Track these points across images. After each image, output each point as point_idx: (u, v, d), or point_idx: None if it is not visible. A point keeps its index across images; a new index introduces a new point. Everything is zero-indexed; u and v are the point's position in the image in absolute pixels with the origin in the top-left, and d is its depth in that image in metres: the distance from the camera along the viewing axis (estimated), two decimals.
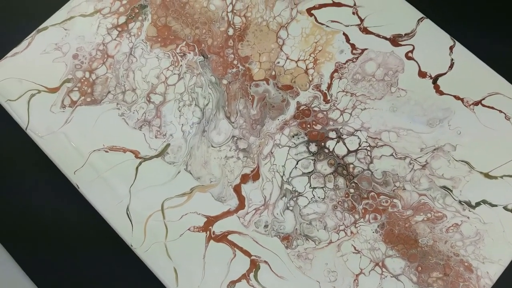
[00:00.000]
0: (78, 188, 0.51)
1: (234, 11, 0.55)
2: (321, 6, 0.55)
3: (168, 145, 0.51)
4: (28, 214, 0.56)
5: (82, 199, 0.50)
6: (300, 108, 0.52)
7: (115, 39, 0.55)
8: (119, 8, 0.56)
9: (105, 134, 0.52)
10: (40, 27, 0.55)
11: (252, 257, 0.48)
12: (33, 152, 0.54)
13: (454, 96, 0.51)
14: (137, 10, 0.56)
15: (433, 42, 0.53)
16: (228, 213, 0.49)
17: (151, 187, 0.50)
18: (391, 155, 0.50)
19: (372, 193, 0.49)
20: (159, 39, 0.55)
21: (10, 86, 0.53)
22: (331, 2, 0.55)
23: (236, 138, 0.51)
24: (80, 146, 0.51)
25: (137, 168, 0.51)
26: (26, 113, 0.53)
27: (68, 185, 0.51)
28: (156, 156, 0.51)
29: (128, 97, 0.53)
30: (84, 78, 0.53)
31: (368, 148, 0.50)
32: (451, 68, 0.52)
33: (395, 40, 0.53)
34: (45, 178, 0.57)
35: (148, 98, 0.53)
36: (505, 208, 0.48)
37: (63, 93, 0.53)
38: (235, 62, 0.54)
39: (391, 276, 0.47)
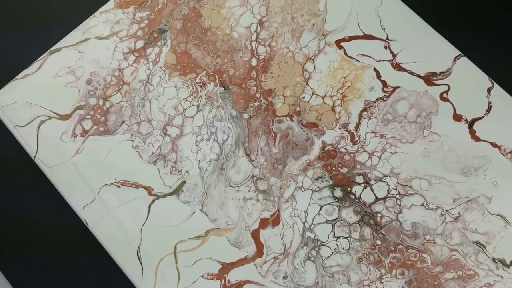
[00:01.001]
0: (87, 224, 0.47)
1: (259, 40, 0.52)
2: (351, 38, 0.51)
3: (184, 182, 0.48)
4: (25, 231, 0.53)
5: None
6: (326, 149, 0.48)
7: (131, 65, 0.51)
8: (137, 31, 0.52)
9: (118, 168, 0.48)
10: (53, 48, 0.52)
11: None
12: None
13: (491, 143, 0.48)
14: (156, 35, 0.52)
15: (470, 82, 0.49)
16: (244, 261, 0.46)
17: (164, 227, 0.47)
18: (422, 205, 0.46)
19: (400, 246, 0.45)
20: (178, 67, 0.51)
21: (19, 110, 0.50)
22: (362, 34, 0.51)
23: (256, 178, 0.48)
24: (90, 179, 0.48)
25: (149, 206, 0.47)
26: (35, 140, 0.49)
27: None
28: (171, 194, 0.48)
29: (144, 128, 0.49)
30: (97, 106, 0.50)
31: (398, 196, 0.47)
32: (489, 112, 0.48)
33: (429, 79, 0.50)
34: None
35: (164, 131, 0.49)
36: None
37: (74, 120, 0.50)
38: (258, 95, 0.50)
39: None
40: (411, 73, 0.50)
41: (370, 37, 0.51)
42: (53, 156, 0.49)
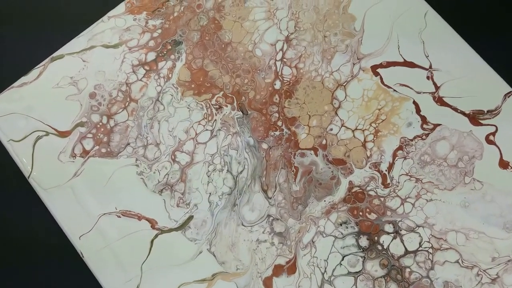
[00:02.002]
0: (82, 256, 0.42)
1: (284, 59, 0.46)
2: (390, 64, 0.45)
3: (191, 217, 0.43)
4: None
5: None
6: (353, 190, 0.43)
7: (140, 80, 0.46)
8: (149, 41, 0.46)
9: (119, 195, 0.43)
10: (55, 54, 0.46)
11: None
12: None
13: None
14: (170, 47, 0.46)
15: None
16: None
17: (167, 266, 0.42)
18: (457, 261, 0.41)
19: None
20: (193, 86, 0.45)
21: (15, 123, 0.45)
22: (402, 60, 0.45)
23: (272, 218, 0.42)
24: (88, 206, 0.43)
25: (152, 241, 0.42)
26: (30, 158, 0.44)
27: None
28: (176, 229, 0.42)
29: (150, 152, 0.44)
30: (100, 124, 0.45)
31: (430, 250, 0.41)
32: None
33: (475, 118, 0.43)
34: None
35: (173, 157, 0.44)
36: None
37: (74, 139, 0.44)
38: (280, 123, 0.44)
39: None
40: (455, 109, 0.44)
41: (411, 65, 0.45)
42: (49, 177, 0.44)
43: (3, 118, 0.45)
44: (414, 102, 0.44)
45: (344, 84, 0.45)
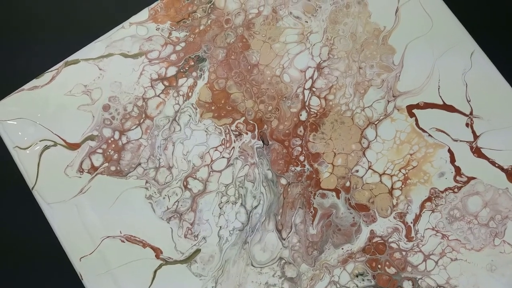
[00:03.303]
0: (82, 279, 0.40)
1: (313, 88, 0.42)
2: (427, 105, 0.41)
3: (199, 250, 0.40)
4: None
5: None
6: (374, 240, 0.39)
7: (158, 96, 0.42)
8: (171, 55, 0.43)
9: (125, 218, 0.40)
10: (70, 58, 0.43)
11: None
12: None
13: None
14: (193, 63, 0.43)
15: None
16: None
17: None
18: None
19: None
20: (213, 108, 0.42)
21: (22, 128, 0.42)
22: (442, 103, 0.41)
23: (284, 261, 0.39)
24: (92, 226, 0.40)
25: (155, 271, 0.39)
26: (35, 168, 0.41)
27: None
28: (182, 261, 0.40)
29: (161, 176, 0.41)
30: (112, 139, 0.41)
31: None
32: None
33: None
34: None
35: (185, 183, 0.41)
36: None
37: (83, 152, 0.41)
38: (302, 158, 0.41)
39: None
40: (493, 163, 0.40)
41: (450, 108, 0.41)
42: (54, 191, 0.41)
43: (10, 122, 0.42)
44: (449, 150, 0.40)
45: (375, 123, 0.41)
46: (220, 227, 0.40)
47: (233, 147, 0.41)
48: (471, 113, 0.41)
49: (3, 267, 0.43)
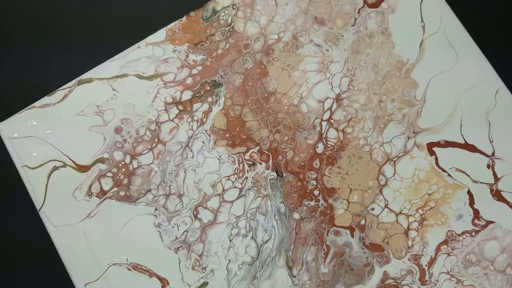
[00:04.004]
0: None
1: (331, 120, 0.40)
2: (448, 144, 0.39)
3: (206, 283, 0.38)
4: None
5: None
6: (386, 282, 0.38)
7: (172, 120, 0.41)
8: (187, 78, 0.41)
9: (132, 246, 0.39)
10: (83, 77, 0.42)
11: None
12: None
13: None
14: (209, 88, 0.41)
15: None
16: None
17: None
18: None
19: None
20: (227, 135, 0.40)
21: (31, 147, 0.41)
22: (463, 142, 0.39)
23: None
24: (99, 252, 0.39)
25: None
26: (43, 189, 0.40)
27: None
28: None
29: (171, 204, 0.40)
30: (122, 163, 0.40)
31: None
32: None
33: None
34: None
35: (195, 212, 0.39)
36: None
37: (93, 175, 0.40)
38: (316, 192, 0.39)
39: None
40: None
41: (472, 148, 0.39)
42: (61, 214, 0.40)
43: (20, 140, 0.41)
44: (469, 192, 0.39)
45: (394, 159, 0.39)
46: (229, 260, 0.38)
47: (246, 177, 0.40)
48: (493, 154, 0.39)
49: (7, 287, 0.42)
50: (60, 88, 0.41)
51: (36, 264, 0.42)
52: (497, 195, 0.38)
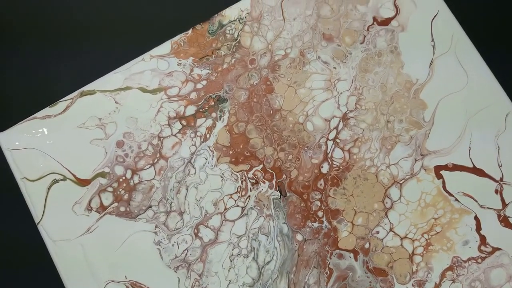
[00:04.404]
0: None
1: (337, 140, 0.39)
2: (456, 167, 0.38)
3: None
4: None
5: None
6: None
7: (175, 135, 0.40)
8: (191, 92, 0.40)
9: (131, 263, 0.38)
10: (86, 88, 0.41)
11: None
12: None
13: None
14: (213, 103, 0.40)
15: None
16: None
17: None
18: None
19: None
20: (231, 152, 0.40)
21: (31, 159, 0.40)
22: (471, 166, 0.38)
23: None
24: (97, 268, 0.38)
25: None
26: (42, 202, 0.39)
27: None
28: None
29: (172, 221, 0.39)
30: (123, 178, 0.39)
31: None
32: None
33: None
34: None
35: (196, 231, 0.38)
36: None
37: (93, 190, 0.39)
38: (320, 213, 0.38)
39: None
40: None
41: (480, 172, 0.38)
42: (60, 228, 0.39)
43: (20, 152, 0.40)
44: (476, 218, 0.38)
45: (401, 182, 0.38)
46: (230, 281, 0.38)
47: (249, 196, 0.39)
48: (501, 179, 0.38)
49: None
50: (62, 99, 0.41)
51: (35, 278, 0.41)
52: (505, 221, 0.37)
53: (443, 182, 0.38)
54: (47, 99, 0.41)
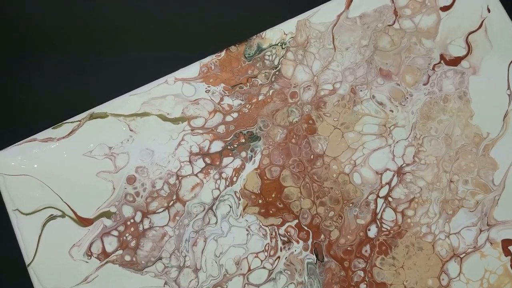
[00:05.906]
0: None
1: (389, 198, 0.32)
2: None
3: None
4: None
5: None
6: None
7: (196, 175, 0.33)
8: (219, 126, 0.34)
9: None
10: (96, 110, 0.34)
11: None
12: None
13: None
14: (244, 140, 0.33)
15: None
16: None
17: None
18: None
19: None
20: (260, 201, 0.33)
21: (27, 188, 0.33)
22: None
23: None
24: None
25: None
26: (35, 240, 0.33)
27: None
28: None
29: (185, 279, 0.32)
30: (132, 221, 0.33)
31: None
32: None
33: None
34: None
35: None
36: None
37: (95, 232, 0.33)
38: (363, 286, 0.32)
39: None
40: None
41: None
42: (53, 274, 0.32)
43: (15, 178, 0.33)
44: None
45: (461, 256, 0.31)
46: None
47: (278, 257, 0.32)
48: None
49: None
50: (67, 121, 0.34)
51: None
52: None
53: (511, 260, 0.31)
54: (52, 118, 0.35)
